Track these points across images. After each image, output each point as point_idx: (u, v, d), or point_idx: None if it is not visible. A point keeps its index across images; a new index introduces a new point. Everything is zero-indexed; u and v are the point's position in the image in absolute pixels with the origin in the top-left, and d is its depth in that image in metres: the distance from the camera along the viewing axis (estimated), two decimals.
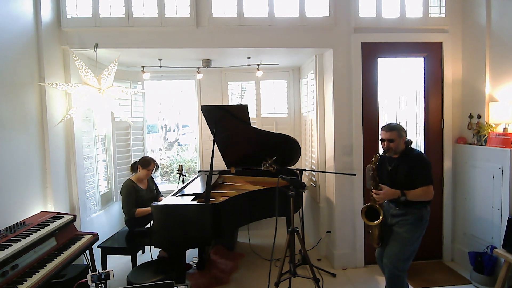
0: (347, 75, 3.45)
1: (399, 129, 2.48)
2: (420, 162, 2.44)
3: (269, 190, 3.31)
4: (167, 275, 2.68)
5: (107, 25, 3.23)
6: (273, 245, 2.73)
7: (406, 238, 2.44)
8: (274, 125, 4.70)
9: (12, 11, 2.67)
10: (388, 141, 2.48)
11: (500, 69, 3.13)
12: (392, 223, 2.54)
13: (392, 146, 2.47)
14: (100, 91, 3.11)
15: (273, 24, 3.36)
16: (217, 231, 2.78)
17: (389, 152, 2.52)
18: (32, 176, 2.83)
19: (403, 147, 2.51)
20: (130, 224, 3.39)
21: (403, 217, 2.46)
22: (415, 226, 2.44)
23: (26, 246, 2.18)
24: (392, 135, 2.46)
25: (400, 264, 2.44)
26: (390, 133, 2.46)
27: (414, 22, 3.47)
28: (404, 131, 2.51)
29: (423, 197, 2.40)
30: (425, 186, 2.38)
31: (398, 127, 2.50)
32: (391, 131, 2.47)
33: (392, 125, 2.51)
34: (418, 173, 2.40)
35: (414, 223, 2.44)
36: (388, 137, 2.48)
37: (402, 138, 2.48)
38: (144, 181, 3.56)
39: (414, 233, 2.44)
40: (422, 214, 2.44)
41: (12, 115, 2.62)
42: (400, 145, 2.48)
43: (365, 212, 2.54)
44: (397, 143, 2.46)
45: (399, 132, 2.47)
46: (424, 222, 2.46)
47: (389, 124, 2.54)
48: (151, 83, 5.18)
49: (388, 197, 2.47)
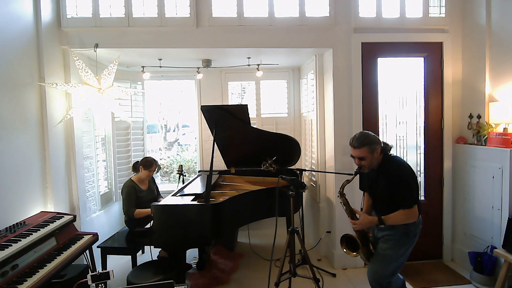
0: (347, 75, 3.45)
1: (369, 143, 2.16)
2: (400, 180, 2.13)
3: (269, 190, 3.31)
4: (167, 275, 2.68)
5: (107, 25, 3.23)
6: (273, 245, 2.73)
7: (389, 255, 2.24)
8: (274, 125, 4.70)
9: (12, 11, 2.68)
10: (358, 159, 2.20)
11: (500, 69, 3.13)
12: (378, 236, 2.36)
13: (364, 164, 2.20)
14: (100, 91, 3.11)
15: (273, 24, 3.36)
16: (217, 231, 2.78)
17: (363, 170, 2.25)
18: (32, 176, 2.83)
19: (380, 159, 2.22)
20: (130, 224, 3.40)
21: (389, 232, 2.26)
22: (400, 243, 2.22)
23: (26, 246, 2.18)
24: (361, 152, 2.16)
25: (383, 280, 2.28)
26: (359, 151, 2.17)
27: (414, 22, 3.47)
28: (376, 142, 2.18)
29: (405, 221, 2.15)
30: (407, 208, 2.12)
31: (368, 141, 2.16)
32: (360, 148, 2.16)
33: (361, 140, 2.17)
34: (398, 194, 2.13)
35: (400, 239, 2.22)
36: (358, 155, 2.19)
37: (375, 152, 2.17)
38: (145, 182, 3.56)
39: (398, 249, 2.23)
40: (409, 230, 2.20)
41: (12, 115, 2.62)
42: (373, 160, 2.20)
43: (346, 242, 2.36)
44: (370, 160, 2.18)
45: (370, 146, 2.15)
46: (411, 237, 2.23)
47: (357, 138, 2.20)
48: (151, 83, 5.18)
49: (365, 226, 2.28)
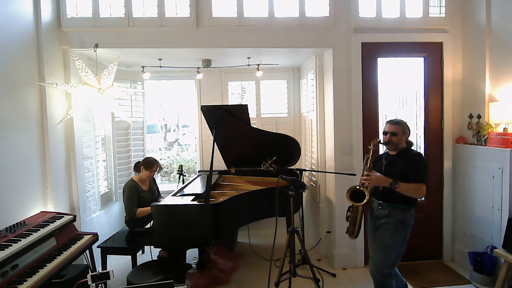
0: (347, 75, 3.45)
1: (404, 125, 2.45)
2: (417, 161, 2.37)
3: (269, 190, 3.31)
4: (167, 275, 2.68)
5: (107, 25, 3.23)
6: (273, 245, 2.73)
7: (388, 244, 2.38)
8: (274, 125, 4.70)
9: (12, 11, 2.67)
10: (390, 134, 2.43)
11: (500, 69, 3.13)
12: (376, 225, 2.50)
13: (393, 140, 2.42)
14: (100, 91, 3.11)
15: (273, 24, 3.36)
16: (217, 231, 2.78)
17: (389, 146, 2.47)
18: (32, 176, 2.83)
19: (404, 146, 2.46)
20: (130, 224, 3.39)
21: (386, 220, 2.40)
22: (397, 231, 2.37)
23: (26, 246, 2.18)
24: (396, 128, 2.42)
25: (385, 270, 2.39)
26: (395, 127, 2.43)
27: (414, 22, 3.47)
28: (408, 128, 2.48)
29: (414, 193, 2.32)
30: (419, 183, 2.31)
31: (404, 123, 2.47)
32: (396, 125, 2.43)
33: (398, 120, 2.49)
34: (412, 170, 2.33)
35: (396, 227, 2.37)
36: (391, 130, 2.43)
37: (405, 134, 2.45)
38: (146, 182, 3.56)
39: (396, 238, 2.37)
40: (405, 217, 2.37)
41: (12, 115, 2.62)
42: (401, 142, 2.44)
43: (351, 194, 2.42)
44: (399, 138, 2.42)
45: (404, 128, 2.44)
46: (407, 226, 2.39)
47: (395, 119, 2.52)
48: (151, 83, 5.18)
49: (379, 182, 2.36)
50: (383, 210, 2.43)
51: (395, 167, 2.42)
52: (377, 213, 2.50)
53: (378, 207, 2.47)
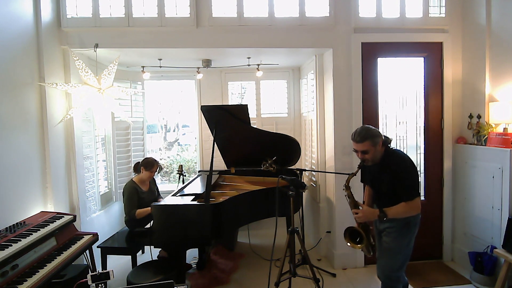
0: (347, 75, 3.44)
1: (372, 137, 2.18)
2: (404, 173, 2.17)
3: (269, 190, 3.31)
4: (167, 275, 2.68)
5: (107, 25, 3.23)
6: (273, 245, 2.73)
7: (394, 248, 2.28)
8: (274, 125, 4.70)
9: (12, 11, 2.67)
10: (361, 153, 2.22)
11: (500, 69, 3.13)
12: (380, 229, 2.39)
13: (367, 157, 2.22)
14: (100, 91, 3.11)
15: (273, 24, 3.36)
16: (217, 231, 2.78)
17: (366, 163, 2.27)
18: (32, 176, 2.83)
19: (382, 152, 2.25)
20: (130, 224, 3.39)
21: (389, 224, 2.29)
22: (402, 234, 2.25)
23: (26, 246, 2.18)
24: (364, 146, 2.18)
25: (393, 274, 2.31)
26: (362, 145, 2.18)
27: (414, 22, 3.47)
28: (378, 136, 2.20)
29: (407, 214, 2.18)
30: (409, 200, 2.15)
31: (370, 135, 2.18)
32: (362, 142, 2.18)
33: (363, 134, 2.19)
34: (401, 187, 2.16)
35: (401, 230, 2.25)
36: (360, 149, 2.21)
37: (377, 145, 2.20)
38: (146, 183, 3.55)
39: (402, 241, 2.26)
40: (409, 220, 2.24)
41: (12, 115, 2.62)
42: (376, 153, 2.22)
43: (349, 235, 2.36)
44: (373, 153, 2.20)
45: (373, 140, 2.18)
46: (412, 227, 2.26)
47: (359, 132, 2.21)
48: (151, 83, 5.18)
49: (368, 218, 2.27)
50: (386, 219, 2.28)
51: (383, 182, 2.27)
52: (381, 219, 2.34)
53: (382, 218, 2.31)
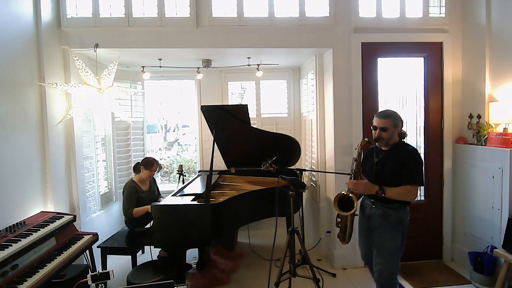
0: (347, 75, 3.44)
1: (395, 118, 2.20)
2: (412, 159, 2.17)
3: (269, 190, 3.31)
4: (167, 275, 2.68)
5: (107, 25, 3.23)
6: (273, 245, 2.73)
7: (388, 248, 2.26)
8: (274, 125, 4.70)
9: (12, 11, 2.67)
10: (380, 129, 2.21)
11: (500, 69, 3.13)
12: (370, 226, 2.36)
13: (384, 136, 2.20)
14: (100, 91, 3.11)
15: (273, 24, 3.36)
16: (217, 231, 2.78)
17: (379, 142, 2.25)
18: (32, 176, 2.83)
19: (396, 140, 2.25)
20: (130, 224, 3.40)
21: (380, 221, 2.26)
22: (394, 232, 2.24)
23: (26, 246, 2.18)
24: (386, 123, 2.18)
25: (393, 277, 2.28)
26: (385, 121, 2.18)
27: (414, 22, 3.47)
28: (400, 120, 2.24)
29: (404, 196, 2.17)
30: (410, 185, 2.14)
31: (395, 115, 2.21)
32: (385, 119, 2.19)
33: (388, 112, 2.22)
34: (407, 170, 2.15)
35: (392, 228, 2.24)
36: (381, 125, 2.20)
37: (397, 128, 2.21)
38: (146, 182, 3.56)
39: (395, 240, 2.25)
40: (401, 217, 2.23)
41: (12, 115, 2.62)
42: (393, 136, 2.22)
43: (339, 201, 2.29)
44: (390, 133, 2.19)
45: (395, 121, 2.20)
46: (404, 224, 2.25)
47: (384, 111, 2.25)
48: (151, 83, 5.18)
49: (366, 190, 2.22)
50: (377, 209, 2.29)
51: (387, 166, 2.24)
52: (369, 212, 2.35)
53: (371, 206, 2.33)
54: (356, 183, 2.24)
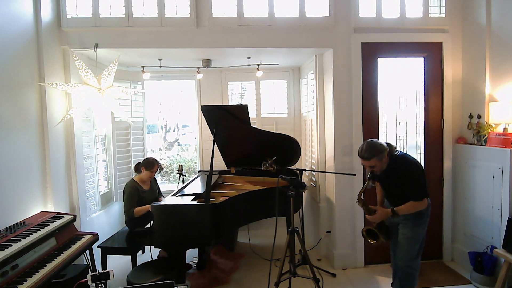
0: (347, 75, 3.44)
1: (378, 153, 2.37)
2: (408, 178, 2.39)
3: (269, 190, 3.31)
4: (167, 275, 2.68)
5: (107, 25, 3.23)
6: (273, 245, 2.73)
7: (412, 237, 2.49)
8: (274, 125, 4.70)
9: (12, 11, 2.67)
10: (369, 168, 2.46)
11: (500, 69, 3.13)
12: (395, 221, 2.59)
13: (376, 170, 2.46)
14: (100, 91, 3.11)
15: (273, 24, 3.36)
16: (217, 231, 2.78)
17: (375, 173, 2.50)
18: (32, 176, 2.83)
19: (387, 161, 2.45)
20: (130, 224, 3.39)
21: (405, 216, 2.49)
22: (417, 224, 2.49)
23: (26, 246, 2.18)
24: (371, 162, 2.40)
25: (413, 262, 2.51)
26: (369, 162, 2.40)
27: (414, 22, 3.47)
28: (383, 151, 2.38)
29: (415, 209, 2.42)
30: (417, 201, 2.39)
31: (376, 152, 2.36)
32: (369, 160, 2.39)
33: (369, 151, 2.37)
34: (410, 188, 2.39)
35: (415, 220, 2.48)
36: (369, 165, 2.44)
37: (383, 159, 2.40)
38: (147, 182, 3.56)
39: (418, 230, 2.49)
40: (422, 212, 2.47)
41: (12, 115, 2.62)
42: (383, 165, 2.44)
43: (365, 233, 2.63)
44: (380, 166, 2.43)
45: (378, 156, 2.37)
46: (425, 218, 2.50)
47: (365, 149, 2.39)
48: (151, 83, 5.18)
49: (383, 217, 2.54)
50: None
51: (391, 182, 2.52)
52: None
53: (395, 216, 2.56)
54: (374, 218, 2.55)
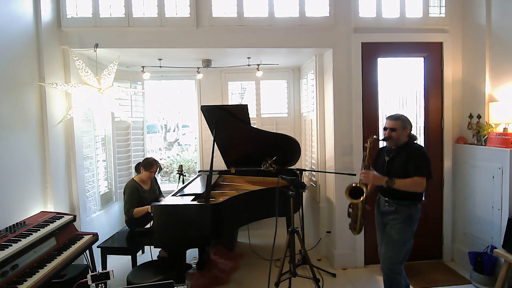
0: (347, 75, 3.45)
1: (404, 120, 2.44)
2: (419, 154, 2.38)
3: (269, 190, 3.31)
4: (167, 275, 2.68)
5: (107, 25, 3.23)
6: (273, 245, 2.73)
7: (398, 240, 2.42)
8: (274, 125, 4.70)
9: (12, 11, 2.67)
10: (390, 130, 2.44)
11: (500, 69, 3.13)
12: (384, 221, 2.55)
13: (393, 136, 2.43)
14: (100, 91, 3.10)
15: (273, 24, 3.36)
16: (217, 231, 2.78)
17: (389, 142, 2.48)
18: (32, 176, 2.83)
19: (405, 140, 2.46)
20: (131, 224, 3.39)
21: (393, 216, 2.45)
22: (405, 226, 2.42)
23: (26, 246, 2.18)
24: (395, 124, 2.42)
25: (395, 267, 2.43)
26: (394, 122, 2.43)
27: (414, 22, 3.47)
28: (409, 124, 2.47)
29: (412, 187, 2.33)
30: (418, 176, 2.31)
31: (404, 118, 2.45)
32: (395, 120, 2.43)
33: (398, 115, 2.47)
34: (414, 164, 2.34)
35: (404, 222, 2.42)
36: (390, 126, 2.44)
37: (405, 130, 2.43)
38: (147, 182, 3.56)
39: (405, 233, 2.42)
40: (412, 213, 2.42)
41: (12, 115, 2.62)
42: (401, 137, 2.43)
43: (350, 191, 2.49)
44: (399, 134, 2.42)
45: (403, 123, 2.43)
46: (414, 221, 2.44)
47: (395, 114, 2.51)
48: (151, 83, 5.18)
49: (375, 180, 2.41)
50: (390, 206, 2.48)
51: (396, 162, 2.44)
52: (383, 209, 2.54)
53: (385, 204, 2.52)
54: (367, 172, 2.42)
